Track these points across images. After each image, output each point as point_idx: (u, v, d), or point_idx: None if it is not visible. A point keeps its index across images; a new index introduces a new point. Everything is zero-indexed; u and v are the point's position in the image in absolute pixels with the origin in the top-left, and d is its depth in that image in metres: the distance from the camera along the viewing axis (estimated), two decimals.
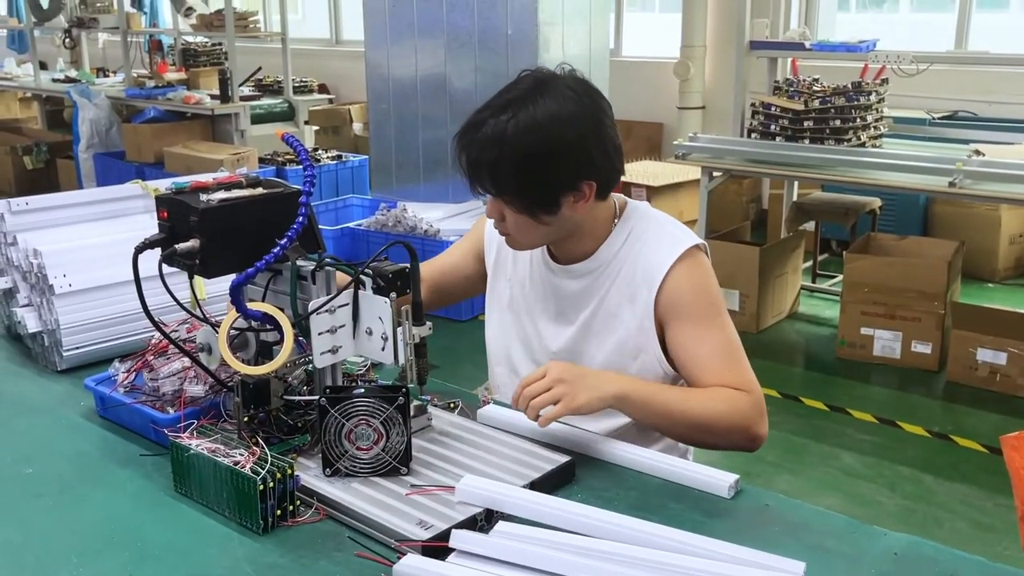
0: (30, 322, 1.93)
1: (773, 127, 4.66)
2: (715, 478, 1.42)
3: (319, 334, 1.42)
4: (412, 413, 1.43)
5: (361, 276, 1.44)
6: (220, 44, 8.25)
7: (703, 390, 1.61)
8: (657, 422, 1.58)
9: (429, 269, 1.90)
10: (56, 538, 1.33)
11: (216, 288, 1.87)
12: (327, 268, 1.46)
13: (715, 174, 4.78)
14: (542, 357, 1.78)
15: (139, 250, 1.45)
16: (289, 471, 1.32)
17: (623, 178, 1.71)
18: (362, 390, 1.40)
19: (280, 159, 6.46)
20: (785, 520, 1.34)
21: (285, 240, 1.40)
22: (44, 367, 1.96)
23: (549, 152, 1.53)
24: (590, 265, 1.71)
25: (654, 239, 1.68)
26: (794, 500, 1.41)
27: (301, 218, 1.42)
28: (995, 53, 5.12)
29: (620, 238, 1.70)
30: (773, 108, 4.66)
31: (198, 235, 1.42)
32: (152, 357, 1.63)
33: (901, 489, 3.34)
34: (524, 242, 1.69)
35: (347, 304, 1.45)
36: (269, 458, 1.32)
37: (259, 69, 8.07)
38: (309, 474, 1.41)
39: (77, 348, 1.90)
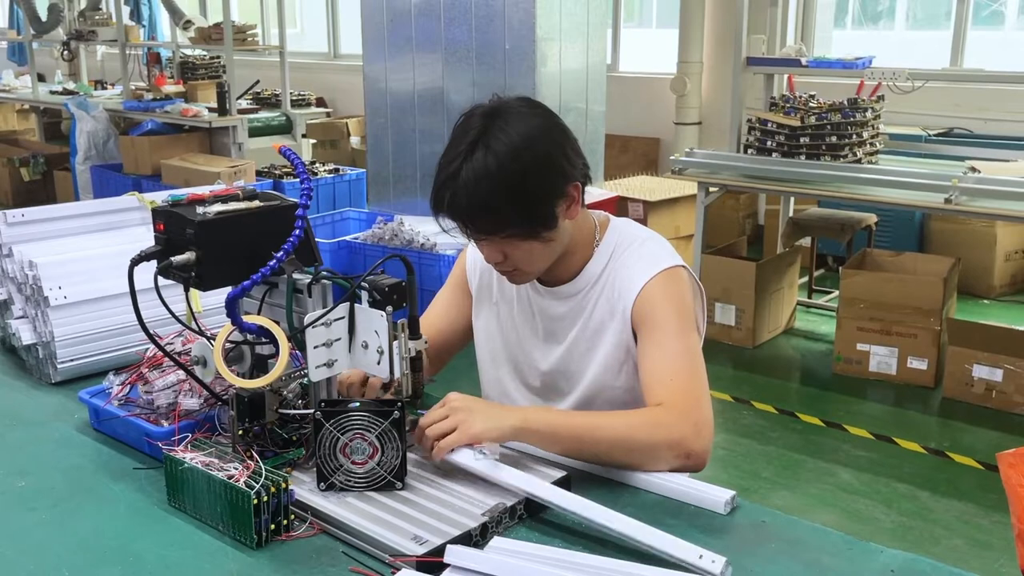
0: (25, 334, 1.93)
1: (769, 143, 4.67)
2: (711, 494, 1.41)
3: (315, 347, 1.42)
4: (407, 427, 1.43)
5: (357, 289, 1.44)
6: (218, 57, 8.26)
7: (622, 412, 1.58)
8: (568, 449, 1.49)
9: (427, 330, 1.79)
10: (49, 552, 1.32)
11: (212, 301, 1.87)
12: (323, 281, 1.46)
13: (711, 189, 4.78)
14: (532, 379, 1.78)
15: (135, 262, 1.45)
16: (284, 485, 1.32)
17: (620, 193, 1.70)
18: (357, 404, 1.40)
19: (278, 172, 6.46)
20: (782, 536, 1.34)
21: (281, 253, 1.39)
22: (38, 379, 1.95)
23: (535, 168, 1.52)
24: (576, 286, 1.70)
25: (635, 258, 1.67)
26: (790, 516, 1.41)
27: (297, 231, 1.41)
28: (990, 70, 5.16)
29: (603, 257, 1.69)
30: (769, 124, 4.67)
31: (194, 247, 1.42)
32: (147, 370, 1.62)
33: (898, 506, 3.34)
34: (533, 271, 1.64)
35: (343, 317, 1.44)
36: (264, 472, 1.32)
37: (257, 82, 8.08)
38: (304, 488, 1.40)
39: (72, 360, 1.90)
